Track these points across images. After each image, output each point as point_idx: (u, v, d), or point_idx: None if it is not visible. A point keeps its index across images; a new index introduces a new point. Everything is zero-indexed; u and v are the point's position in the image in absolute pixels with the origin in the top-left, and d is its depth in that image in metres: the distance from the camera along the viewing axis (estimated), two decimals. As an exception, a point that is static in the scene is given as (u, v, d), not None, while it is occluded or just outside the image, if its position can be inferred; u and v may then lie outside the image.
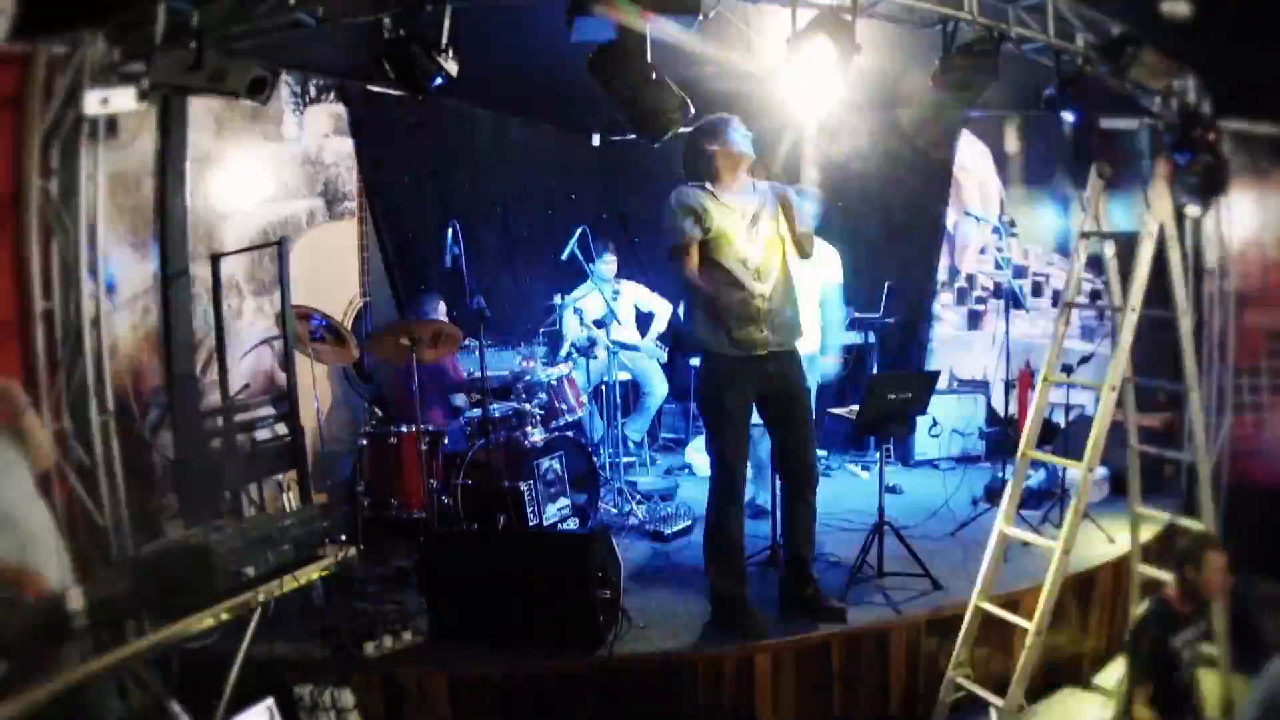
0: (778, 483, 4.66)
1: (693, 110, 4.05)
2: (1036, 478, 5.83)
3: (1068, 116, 5.25)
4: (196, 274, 5.21)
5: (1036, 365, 6.98)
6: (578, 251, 5.97)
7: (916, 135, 7.17)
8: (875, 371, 7.12)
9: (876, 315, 7.18)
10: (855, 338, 7.20)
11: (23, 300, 4.06)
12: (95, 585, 2.89)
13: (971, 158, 7.48)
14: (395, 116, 6.45)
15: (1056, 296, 7.34)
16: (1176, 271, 4.67)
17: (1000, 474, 5.42)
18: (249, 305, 5.63)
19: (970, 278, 7.68)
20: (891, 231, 7.56)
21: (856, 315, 7.12)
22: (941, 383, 6.56)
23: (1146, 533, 4.92)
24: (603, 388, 6.27)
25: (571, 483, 5.48)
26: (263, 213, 5.78)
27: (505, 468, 5.13)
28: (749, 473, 4.89)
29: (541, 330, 6.40)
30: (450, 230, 5.18)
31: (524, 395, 5.66)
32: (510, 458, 5.23)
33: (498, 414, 5.49)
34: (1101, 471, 5.90)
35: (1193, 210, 5.13)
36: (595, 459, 5.73)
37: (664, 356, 6.83)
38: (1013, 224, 7.44)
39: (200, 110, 5.25)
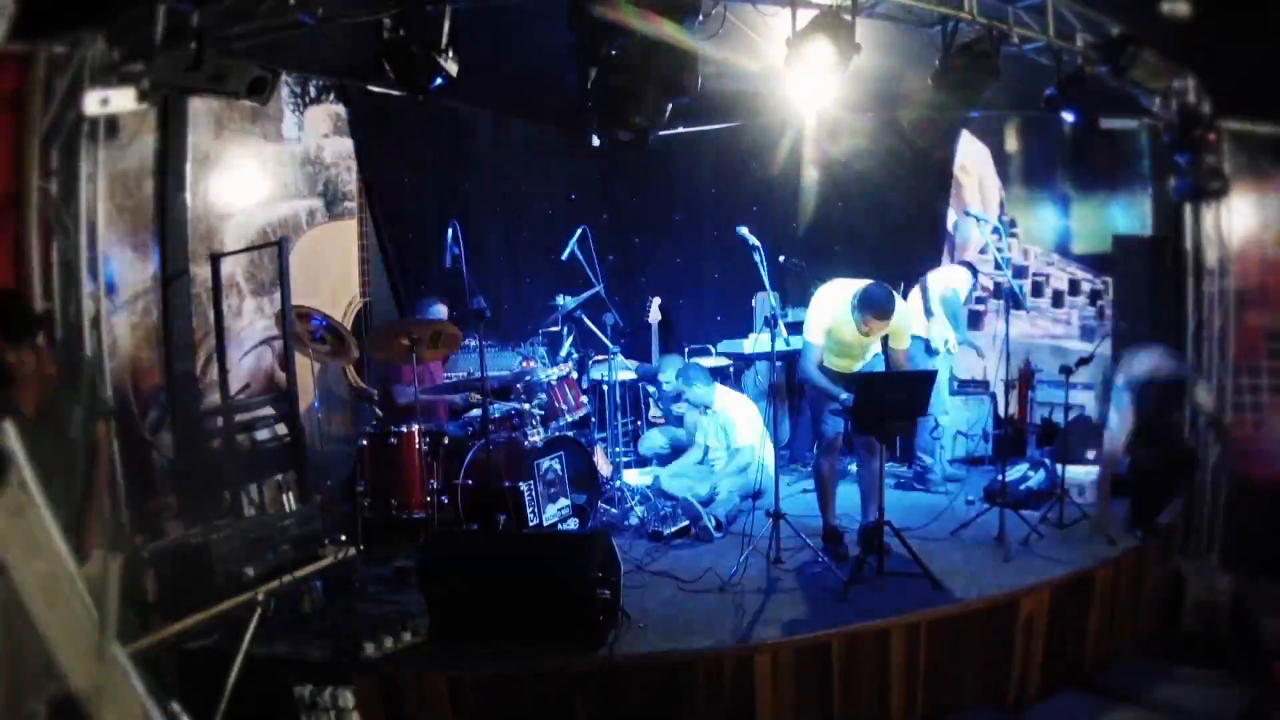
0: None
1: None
2: (1036, 478, 5.82)
3: (1068, 116, 5.26)
4: (196, 274, 5.22)
5: (1037, 365, 7.00)
6: (578, 251, 5.97)
7: (916, 135, 7.18)
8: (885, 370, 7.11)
9: None
10: None
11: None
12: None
13: (971, 158, 7.48)
14: (395, 116, 6.45)
15: (1057, 296, 7.35)
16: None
17: (1000, 475, 5.41)
18: (249, 305, 5.63)
19: (970, 278, 7.68)
20: (892, 231, 7.56)
21: None
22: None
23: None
24: (603, 388, 6.26)
25: (571, 483, 5.48)
26: (263, 213, 5.78)
27: (505, 468, 5.13)
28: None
29: (541, 330, 6.39)
30: (450, 230, 5.18)
31: (524, 395, 5.65)
32: (510, 458, 5.22)
33: (498, 414, 5.48)
34: (1100, 472, 5.89)
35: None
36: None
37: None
38: (1013, 224, 7.44)
39: (200, 110, 5.26)
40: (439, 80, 3.94)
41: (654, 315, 6.88)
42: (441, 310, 5.80)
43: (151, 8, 4.05)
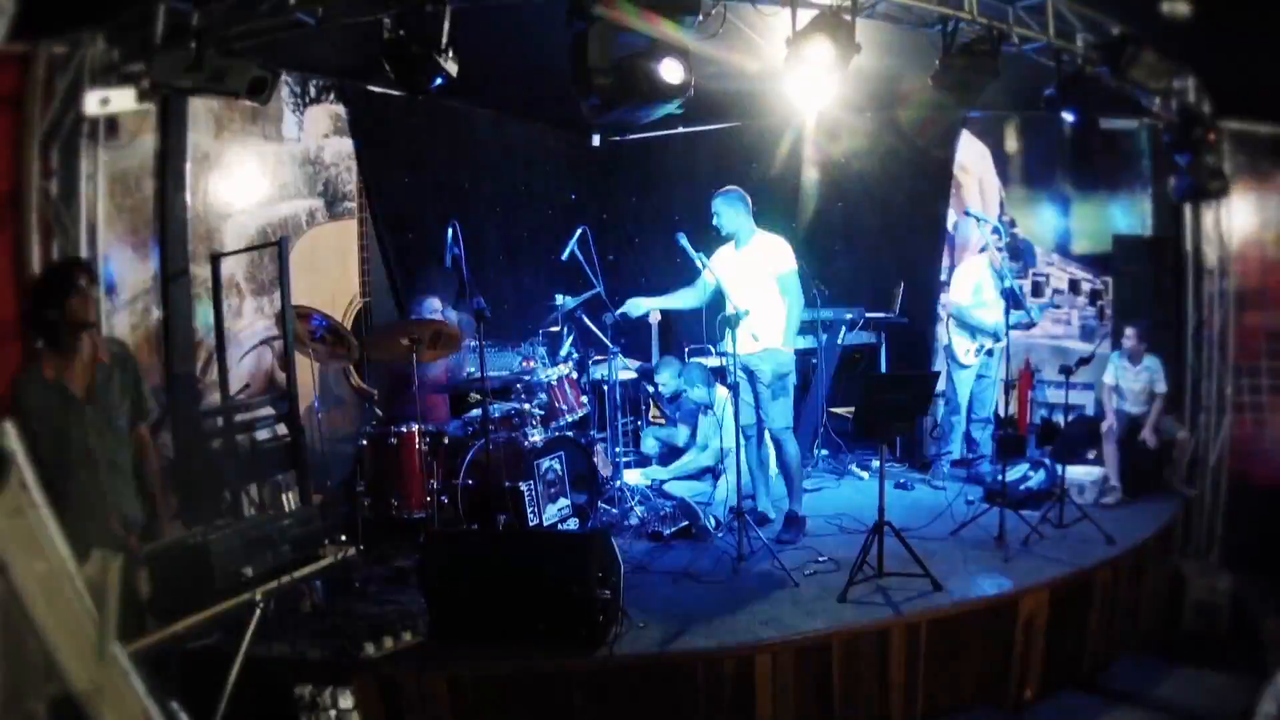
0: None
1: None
2: (1036, 478, 5.82)
3: (1068, 116, 5.26)
4: (196, 274, 5.22)
5: (1037, 365, 6.99)
6: (578, 251, 5.96)
7: (916, 135, 7.18)
8: (884, 371, 7.12)
9: (888, 314, 7.18)
10: (869, 338, 7.22)
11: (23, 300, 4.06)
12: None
13: (971, 158, 7.47)
14: (395, 116, 6.45)
15: (1057, 296, 7.35)
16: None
17: (1001, 475, 5.41)
18: (249, 305, 5.63)
19: (970, 277, 7.67)
20: (892, 231, 7.56)
21: (867, 314, 7.12)
22: (944, 384, 6.56)
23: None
24: (603, 388, 6.26)
25: (571, 483, 5.47)
26: (263, 213, 5.78)
27: (505, 468, 5.13)
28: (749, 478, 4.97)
29: (541, 330, 6.38)
30: (450, 230, 5.18)
31: (524, 395, 5.65)
32: (510, 458, 5.22)
33: (498, 414, 5.48)
34: (1099, 472, 5.90)
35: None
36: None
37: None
38: (1013, 224, 7.44)
39: (200, 110, 5.26)
40: (439, 80, 3.94)
41: (654, 315, 6.87)
42: (435, 304, 5.79)
43: (151, 8, 4.06)
